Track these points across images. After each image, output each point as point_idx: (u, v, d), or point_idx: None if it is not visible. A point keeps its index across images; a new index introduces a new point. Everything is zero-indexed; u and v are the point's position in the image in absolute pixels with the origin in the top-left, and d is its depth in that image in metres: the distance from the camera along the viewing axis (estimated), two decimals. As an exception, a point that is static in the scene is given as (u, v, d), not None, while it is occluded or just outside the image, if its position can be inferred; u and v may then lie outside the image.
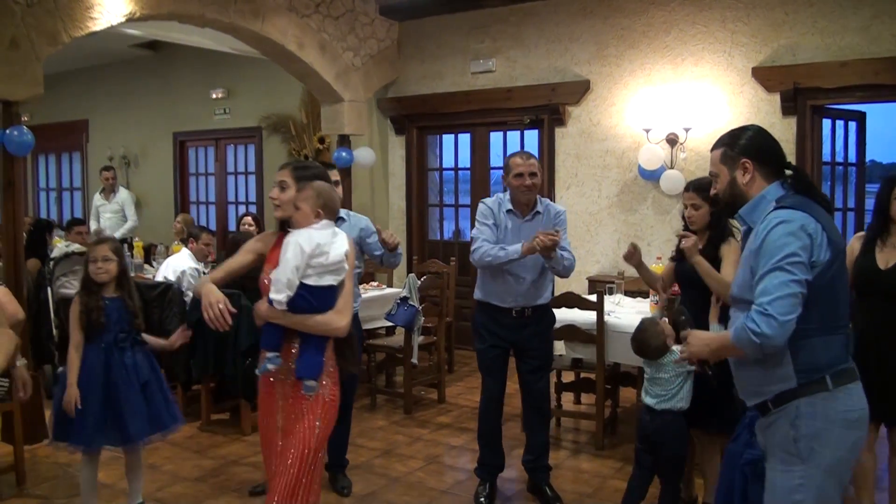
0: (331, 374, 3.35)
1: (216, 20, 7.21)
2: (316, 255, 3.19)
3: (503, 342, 4.82)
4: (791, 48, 7.03)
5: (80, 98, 12.73)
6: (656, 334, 4.24)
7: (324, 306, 3.24)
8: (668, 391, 4.18)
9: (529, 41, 8.45)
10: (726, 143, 2.92)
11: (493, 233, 4.73)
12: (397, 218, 9.62)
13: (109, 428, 4.24)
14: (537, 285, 4.76)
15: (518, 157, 4.73)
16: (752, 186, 2.86)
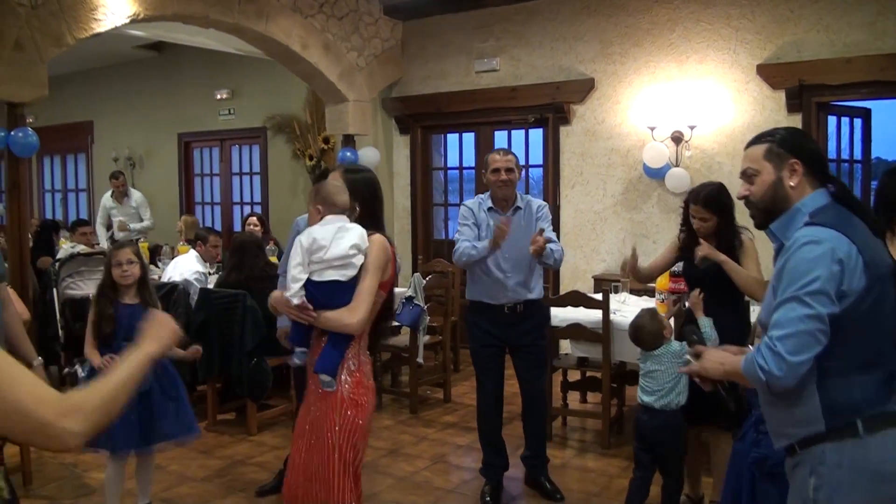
0: (353, 373, 3.29)
1: (220, 21, 7.22)
2: (314, 251, 3.19)
3: (497, 340, 4.84)
4: (796, 45, 7.01)
5: (85, 99, 12.76)
6: (653, 322, 4.26)
7: (331, 302, 3.21)
8: (663, 385, 4.18)
9: (533, 40, 8.44)
10: (772, 140, 2.58)
11: (472, 232, 4.78)
12: (402, 217, 9.62)
13: (134, 430, 4.21)
14: (526, 280, 4.79)
15: (495, 154, 4.84)
16: (798, 191, 2.52)
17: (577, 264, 8.17)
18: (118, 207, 10.25)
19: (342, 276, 3.22)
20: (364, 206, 3.47)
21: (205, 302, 6.15)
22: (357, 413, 3.27)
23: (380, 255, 3.33)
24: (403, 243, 9.56)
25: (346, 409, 3.25)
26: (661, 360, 4.19)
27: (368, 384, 3.35)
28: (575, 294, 5.78)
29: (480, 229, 4.79)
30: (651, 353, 4.24)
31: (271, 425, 6.28)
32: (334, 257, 3.20)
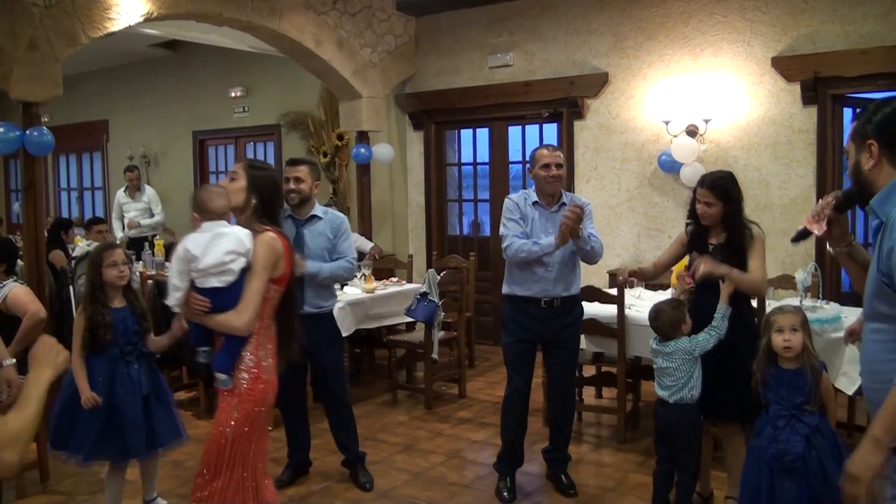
0: (251, 370, 3.37)
1: (234, 19, 7.24)
2: (190, 261, 3.27)
3: (531, 335, 4.81)
4: (811, 37, 6.96)
5: (100, 98, 12.82)
6: (676, 310, 4.24)
7: (219, 306, 3.29)
8: (677, 381, 4.16)
9: (547, 34, 8.42)
10: (861, 118, 2.45)
11: (520, 227, 4.75)
12: (416, 213, 9.62)
13: (109, 443, 4.16)
14: (565, 275, 4.77)
15: (544, 149, 4.80)
16: (878, 174, 2.37)
17: (591, 259, 8.13)
18: (130, 202, 10.30)
19: (222, 283, 3.27)
20: (261, 201, 3.51)
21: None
22: (251, 409, 3.36)
23: (268, 253, 3.36)
24: (418, 239, 9.56)
25: (243, 404, 3.33)
26: (673, 358, 4.16)
27: (267, 379, 3.43)
28: (590, 289, 5.77)
29: (526, 224, 4.75)
30: (662, 350, 4.21)
31: (287, 422, 6.30)
32: (209, 266, 3.25)
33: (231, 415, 3.32)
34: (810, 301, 5.36)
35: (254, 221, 3.47)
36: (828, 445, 3.52)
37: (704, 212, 4.34)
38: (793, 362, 3.66)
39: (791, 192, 7.14)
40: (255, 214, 3.48)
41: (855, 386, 4.80)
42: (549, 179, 4.71)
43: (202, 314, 3.31)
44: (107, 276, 4.21)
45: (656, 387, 4.28)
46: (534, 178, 4.82)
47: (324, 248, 5.00)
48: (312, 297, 4.96)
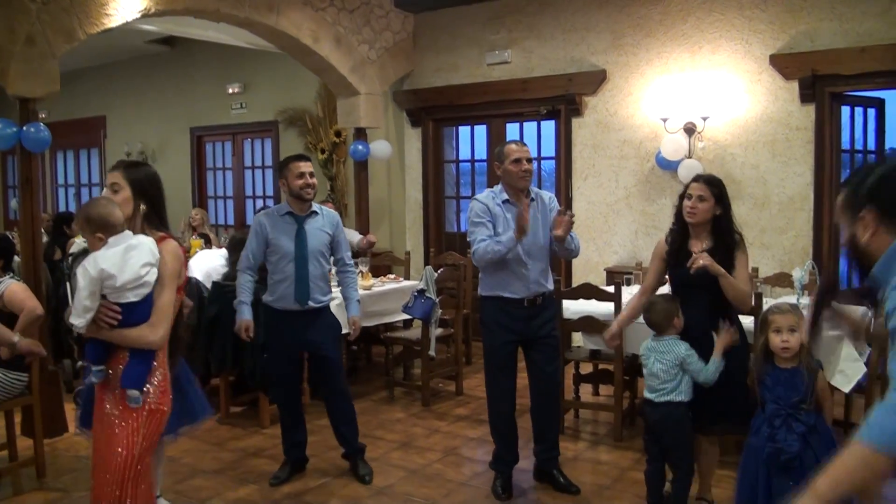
0: (161, 384, 3.27)
1: (231, 15, 7.23)
2: (105, 279, 3.11)
3: (515, 335, 4.81)
4: (809, 34, 6.96)
5: (98, 94, 12.80)
6: (668, 302, 4.23)
7: (131, 320, 3.15)
8: (665, 384, 4.15)
9: (545, 31, 8.41)
10: (848, 187, 2.25)
11: (488, 230, 4.72)
12: (414, 210, 9.61)
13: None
14: (543, 272, 4.80)
15: (513, 144, 4.82)
16: (877, 244, 2.17)
17: (589, 257, 8.14)
18: None
19: (137, 297, 3.16)
20: (150, 205, 3.40)
21: (217, 295, 6.16)
22: (159, 421, 3.27)
23: (174, 264, 3.29)
24: (416, 236, 9.56)
25: (152, 419, 3.23)
26: (665, 358, 4.14)
27: (167, 390, 3.32)
28: (587, 286, 5.77)
29: (497, 225, 4.74)
30: (657, 347, 4.19)
31: (284, 418, 6.30)
32: (127, 282, 3.12)
33: (139, 432, 3.17)
34: (807, 299, 5.36)
35: (147, 228, 3.36)
36: (824, 444, 3.53)
37: (696, 207, 4.16)
38: (790, 362, 3.67)
39: (789, 190, 7.14)
40: (146, 221, 3.37)
41: (851, 384, 4.82)
42: (520, 174, 4.69)
43: (111, 329, 3.15)
44: None
45: (646, 389, 4.30)
46: (503, 174, 4.78)
47: (324, 244, 5.05)
48: (314, 292, 5.00)
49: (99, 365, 3.22)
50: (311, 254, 4.97)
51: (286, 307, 4.98)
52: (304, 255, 4.95)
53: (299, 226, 4.96)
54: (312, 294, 4.98)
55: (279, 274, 4.98)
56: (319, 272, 5.02)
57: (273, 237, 4.97)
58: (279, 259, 4.97)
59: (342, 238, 5.19)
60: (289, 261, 4.95)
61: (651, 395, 4.23)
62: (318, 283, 5.01)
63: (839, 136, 7.14)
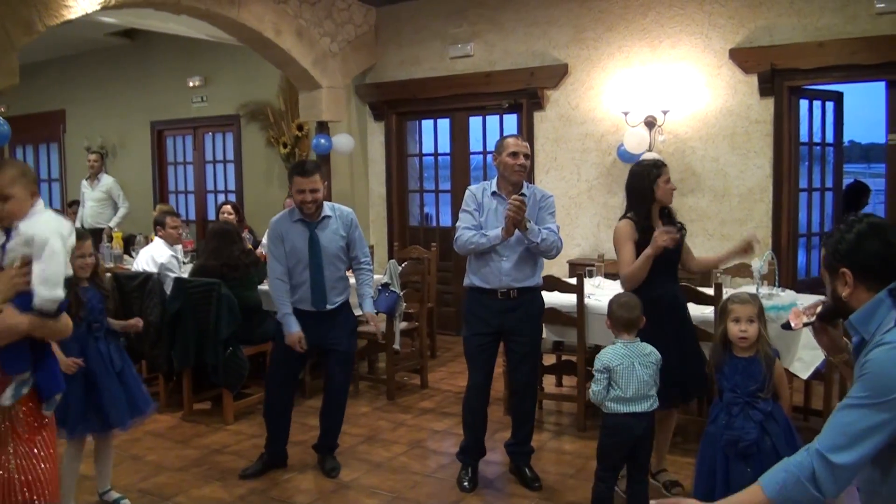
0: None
1: (192, 7, 7.17)
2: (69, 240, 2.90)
3: (490, 328, 4.81)
4: (768, 29, 7.05)
5: (57, 88, 12.62)
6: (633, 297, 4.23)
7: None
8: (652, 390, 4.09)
9: (507, 25, 8.44)
10: (828, 247, 2.38)
11: (473, 219, 4.75)
12: (377, 204, 9.61)
13: (91, 415, 4.27)
14: (521, 265, 4.74)
15: (511, 138, 4.82)
16: (856, 299, 2.31)
17: (552, 249, 8.18)
18: (89, 190, 10.20)
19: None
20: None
21: (180, 291, 6.12)
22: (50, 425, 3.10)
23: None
24: (379, 230, 9.56)
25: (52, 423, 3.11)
26: (648, 361, 4.08)
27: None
28: (550, 279, 5.80)
29: (484, 214, 4.76)
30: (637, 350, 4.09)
31: (248, 414, 6.27)
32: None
33: (55, 441, 3.01)
34: (766, 289, 5.45)
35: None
36: (781, 431, 3.60)
37: (673, 189, 4.65)
38: (747, 351, 3.72)
39: (748, 182, 7.23)
40: None
41: (809, 370, 4.92)
42: (516, 168, 4.70)
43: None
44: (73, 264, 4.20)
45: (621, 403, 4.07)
46: (499, 166, 4.80)
47: (339, 247, 5.06)
48: (332, 295, 5.06)
49: (25, 372, 2.88)
50: (325, 259, 4.98)
51: (304, 308, 5.03)
52: (318, 262, 4.96)
53: (311, 232, 4.96)
54: (329, 297, 5.03)
55: (297, 278, 5.02)
56: (336, 275, 5.06)
57: (288, 243, 4.98)
58: (296, 264, 4.99)
59: (357, 236, 5.15)
60: (304, 266, 4.98)
61: (640, 405, 4.05)
62: (335, 286, 5.06)
63: (798, 129, 7.24)
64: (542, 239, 4.62)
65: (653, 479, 4.62)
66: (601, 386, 4.06)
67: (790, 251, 7.21)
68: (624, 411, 4.05)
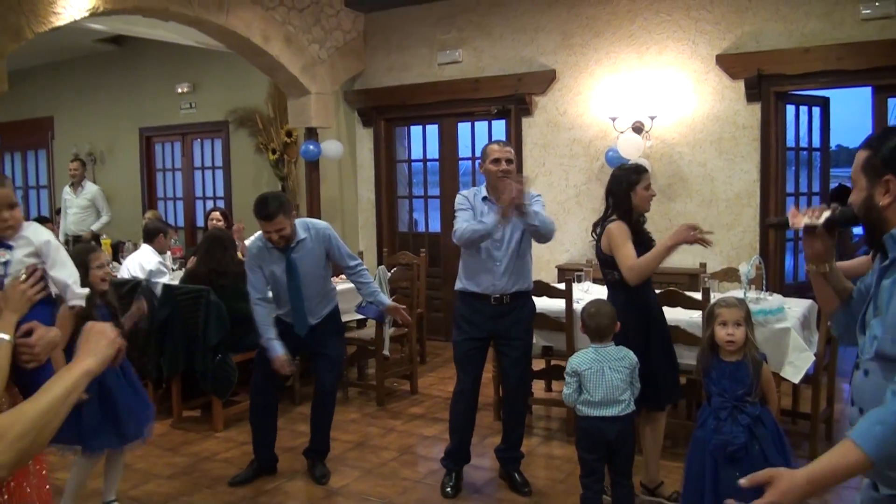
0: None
1: (180, 14, 7.17)
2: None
3: (481, 333, 4.82)
4: (754, 35, 7.09)
5: (45, 95, 12.59)
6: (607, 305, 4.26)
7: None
8: (625, 395, 4.11)
9: (495, 32, 8.46)
10: (871, 147, 2.15)
11: (471, 215, 4.76)
12: (366, 210, 9.61)
13: (107, 430, 4.21)
14: (515, 269, 4.77)
15: (495, 144, 4.85)
16: (892, 210, 2.10)
17: (540, 254, 8.17)
18: (72, 198, 10.16)
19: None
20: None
21: (168, 298, 6.11)
22: None
23: None
24: (368, 236, 9.57)
25: None
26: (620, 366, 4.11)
27: None
28: (539, 284, 5.81)
29: (478, 216, 4.76)
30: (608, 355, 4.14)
31: (237, 421, 6.26)
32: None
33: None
34: (754, 293, 5.47)
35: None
36: (769, 435, 3.62)
37: (651, 198, 4.57)
38: (734, 355, 3.74)
39: (735, 187, 7.26)
40: None
41: (800, 374, 4.93)
42: (498, 174, 4.71)
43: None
44: (93, 277, 4.22)
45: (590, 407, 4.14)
46: (484, 173, 4.83)
47: (318, 266, 5.04)
48: (318, 307, 5.09)
49: None
50: (306, 281, 4.98)
51: (289, 321, 5.07)
52: (297, 286, 4.96)
53: (288, 258, 4.94)
54: (311, 314, 5.05)
55: (280, 300, 5.08)
56: (320, 291, 5.06)
57: (267, 269, 4.98)
58: (277, 287, 5.03)
59: (337, 246, 5.08)
60: (285, 290, 5.00)
61: (610, 410, 4.08)
62: (319, 301, 5.08)
63: (784, 134, 7.29)
64: (542, 221, 4.63)
65: (653, 495, 4.64)
66: (571, 389, 4.17)
67: (777, 255, 7.25)
68: (594, 415, 4.11)
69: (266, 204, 4.78)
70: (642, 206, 4.53)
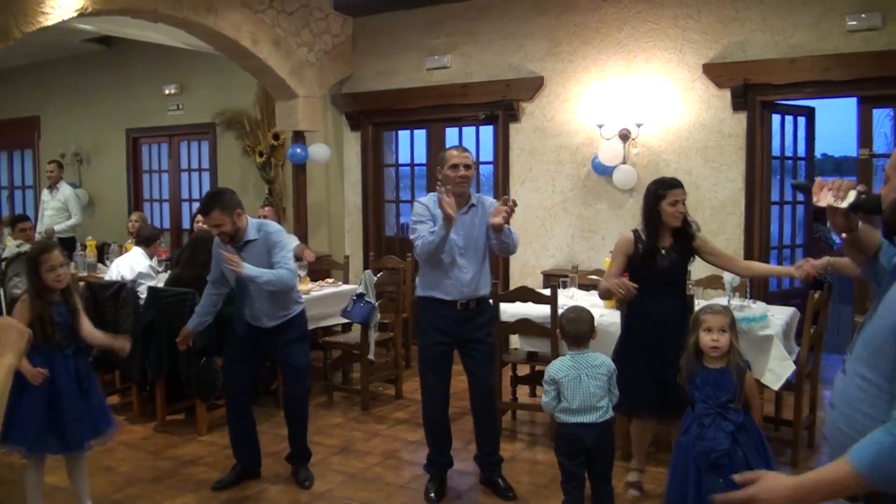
0: None
1: (169, 15, 7.16)
2: None
3: (448, 338, 4.85)
4: (741, 45, 7.13)
5: (32, 94, 12.54)
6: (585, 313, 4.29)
7: None
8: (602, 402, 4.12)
9: (484, 37, 8.48)
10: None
11: (429, 227, 4.76)
12: (353, 214, 9.61)
13: (50, 435, 4.14)
14: (479, 276, 4.82)
15: (454, 150, 4.87)
16: None
17: (526, 260, 8.23)
18: (49, 199, 10.11)
19: None
20: None
21: (153, 301, 6.09)
22: None
23: None
24: (355, 240, 9.56)
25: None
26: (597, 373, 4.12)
27: None
28: (524, 289, 5.83)
29: (436, 225, 4.74)
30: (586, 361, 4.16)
31: (221, 425, 6.21)
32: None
33: None
34: (738, 300, 5.51)
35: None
36: (752, 441, 3.65)
37: (682, 211, 4.62)
38: (719, 362, 3.76)
39: (720, 195, 7.30)
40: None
41: (780, 382, 4.97)
42: (457, 180, 4.75)
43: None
44: (46, 279, 4.16)
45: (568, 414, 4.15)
46: (442, 179, 4.85)
47: (266, 268, 4.94)
48: (270, 310, 5.00)
49: None
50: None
51: (250, 322, 5.06)
52: (242, 283, 4.93)
53: (238, 254, 4.90)
54: (266, 316, 5.00)
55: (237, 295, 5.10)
56: (267, 293, 4.94)
57: (221, 264, 4.95)
58: (234, 282, 5.03)
59: (275, 255, 4.94)
60: (237, 285, 5.02)
61: (587, 416, 4.10)
62: (268, 303, 4.98)
63: (770, 143, 7.33)
64: (513, 240, 4.76)
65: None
66: (549, 397, 4.19)
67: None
68: (572, 421, 4.13)
69: (206, 199, 4.93)
70: (671, 222, 4.63)
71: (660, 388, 4.49)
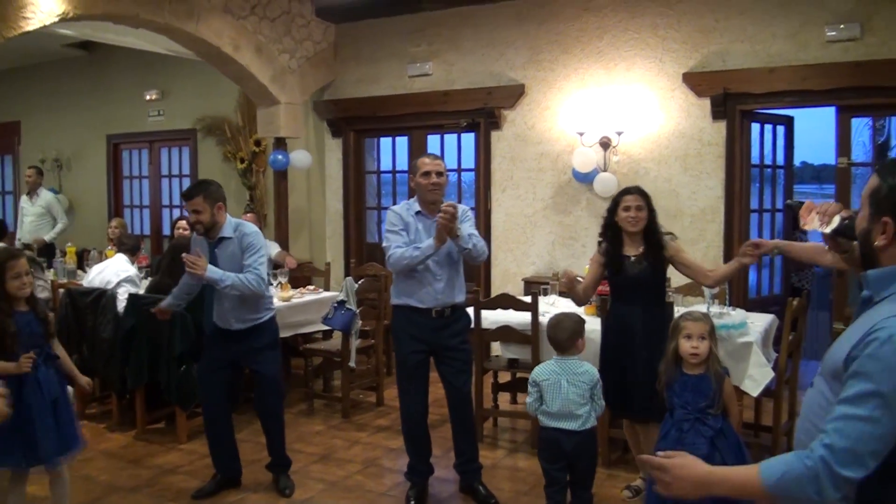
0: None
1: (150, 21, 7.14)
2: None
3: (424, 346, 4.85)
4: (721, 54, 7.19)
5: (12, 99, 12.47)
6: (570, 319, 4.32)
7: None
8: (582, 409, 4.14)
9: (466, 45, 8.51)
10: (881, 176, 2.03)
11: (403, 238, 4.78)
12: (334, 221, 9.60)
13: (18, 448, 4.04)
14: (453, 284, 4.83)
15: (426, 157, 4.89)
16: (886, 254, 2.01)
17: (507, 267, 8.25)
18: (28, 206, 10.03)
19: None
20: None
21: (133, 307, 6.06)
22: None
23: None
24: (336, 247, 9.55)
25: None
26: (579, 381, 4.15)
27: None
28: (505, 297, 5.85)
29: (410, 233, 4.80)
30: (567, 368, 4.19)
31: (201, 433, 6.15)
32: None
33: None
34: (718, 307, 5.54)
35: None
36: (731, 447, 3.68)
37: (637, 216, 4.66)
38: (698, 368, 3.79)
39: (700, 203, 7.35)
40: None
41: (760, 388, 5.01)
42: (429, 187, 4.77)
43: None
44: (9, 287, 4.05)
45: (550, 418, 4.20)
46: (415, 187, 4.87)
47: (236, 269, 4.89)
48: (238, 313, 4.95)
49: None
50: None
51: (219, 325, 5.03)
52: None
53: (212, 252, 4.92)
54: (236, 314, 4.94)
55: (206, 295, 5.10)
56: (238, 296, 4.88)
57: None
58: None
59: (247, 257, 4.89)
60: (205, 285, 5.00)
61: (567, 423, 4.13)
62: (238, 306, 4.94)
63: (749, 151, 7.38)
64: (474, 245, 4.69)
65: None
66: (532, 398, 4.26)
67: (741, 272, 7.32)
68: (552, 426, 4.18)
69: (192, 185, 5.06)
70: (625, 227, 4.71)
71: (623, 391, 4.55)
